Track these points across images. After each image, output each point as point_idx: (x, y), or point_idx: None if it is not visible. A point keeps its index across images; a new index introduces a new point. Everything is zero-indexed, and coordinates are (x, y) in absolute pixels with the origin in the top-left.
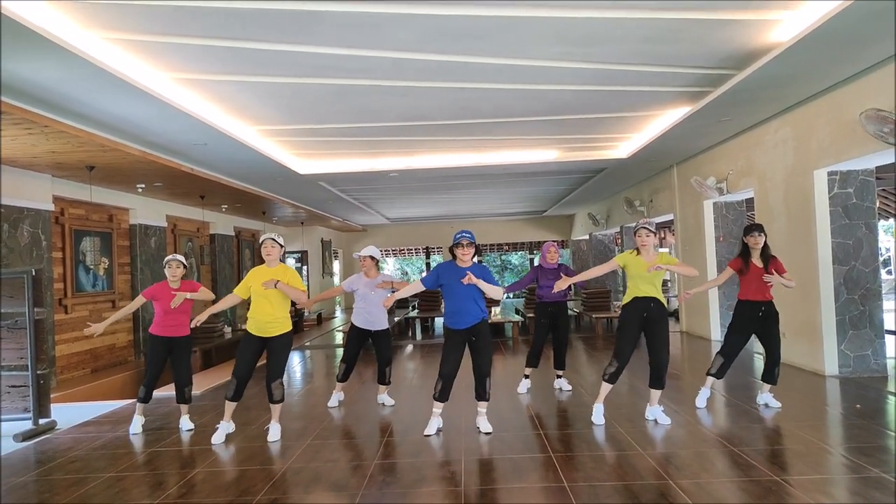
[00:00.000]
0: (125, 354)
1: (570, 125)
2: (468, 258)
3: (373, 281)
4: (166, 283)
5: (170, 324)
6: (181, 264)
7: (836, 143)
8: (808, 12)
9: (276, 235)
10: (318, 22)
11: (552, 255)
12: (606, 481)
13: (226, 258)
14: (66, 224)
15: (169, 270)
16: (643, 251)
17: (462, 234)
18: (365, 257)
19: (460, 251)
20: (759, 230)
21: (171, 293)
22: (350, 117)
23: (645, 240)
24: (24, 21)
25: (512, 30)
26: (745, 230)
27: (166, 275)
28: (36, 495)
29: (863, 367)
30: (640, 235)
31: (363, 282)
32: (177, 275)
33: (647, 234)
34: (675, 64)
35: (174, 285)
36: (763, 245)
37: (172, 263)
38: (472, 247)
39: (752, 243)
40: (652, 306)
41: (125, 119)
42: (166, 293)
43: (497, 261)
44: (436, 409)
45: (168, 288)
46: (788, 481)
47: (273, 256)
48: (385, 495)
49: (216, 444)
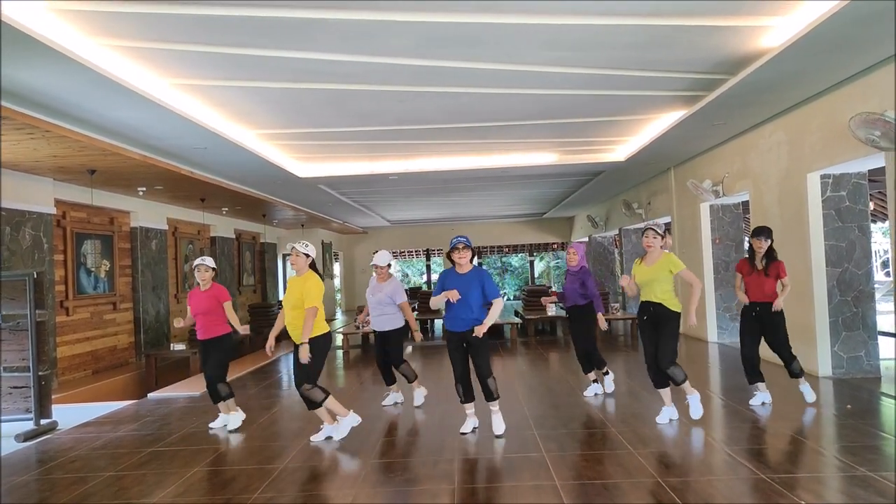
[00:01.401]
0: (126, 356)
1: (568, 129)
2: (465, 261)
3: (377, 286)
4: (197, 288)
5: (201, 325)
6: (209, 268)
7: (828, 147)
8: (798, 18)
9: (302, 244)
10: (315, 29)
11: (571, 258)
12: (596, 479)
13: (226, 261)
14: (67, 227)
15: (198, 274)
16: (648, 252)
17: (458, 238)
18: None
19: (456, 255)
20: (765, 235)
21: (198, 294)
22: (348, 121)
23: (651, 241)
24: (27, 29)
25: (506, 36)
26: (752, 232)
27: (196, 279)
28: (37, 494)
29: (856, 369)
30: (648, 236)
31: (372, 285)
32: (206, 278)
33: (655, 235)
34: (668, 69)
35: (205, 287)
36: (768, 249)
37: (201, 267)
38: (468, 250)
39: (756, 246)
40: (651, 310)
41: (126, 124)
42: (195, 295)
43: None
44: (468, 409)
45: (198, 290)
46: (775, 479)
47: (298, 266)
48: (381, 494)
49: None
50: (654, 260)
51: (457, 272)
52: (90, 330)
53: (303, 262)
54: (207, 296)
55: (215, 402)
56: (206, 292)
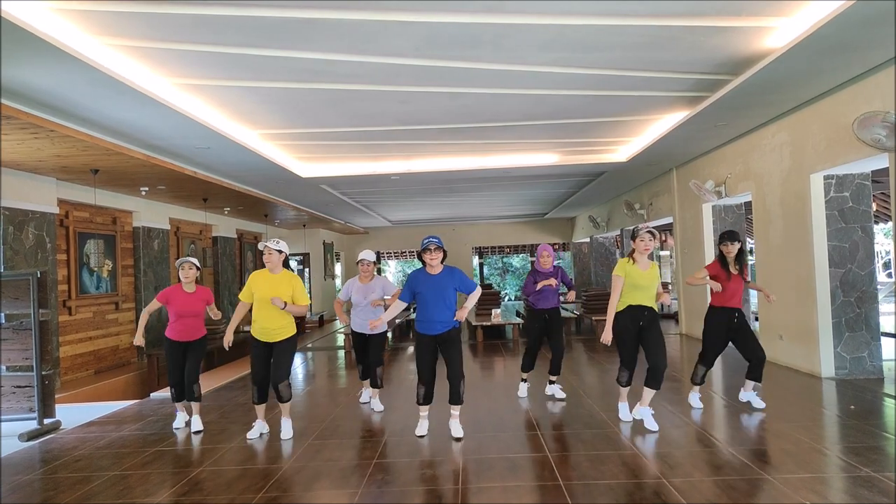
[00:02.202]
0: (128, 356)
1: (569, 129)
2: (436, 262)
3: (365, 287)
4: (179, 287)
5: (184, 328)
6: (193, 265)
7: (831, 148)
8: (801, 19)
9: (274, 242)
10: (318, 29)
11: (545, 260)
12: (601, 479)
13: (228, 260)
14: (70, 226)
15: (182, 272)
16: (640, 256)
17: (429, 238)
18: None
19: (428, 256)
20: (731, 238)
21: (184, 296)
22: (350, 121)
23: (648, 244)
24: (30, 28)
25: (508, 36)
26: (719, 238)
27: (179, 277)
28: (41, 493)
29: (859, 369)
30: (644, 239)
31: (356, 287)
32: (190, 276)
33: (652, 238)
34: (671, 69)
35: (188, 288)
36: (738, 251)
37: (185, 265)
38: (439, 251)
39: (725, 251)
40: (646, 314)
41: (129, 123)
42: (180, 296)
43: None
44: (422, 412)
45: (181, 291)
46: (779, 480)
47: (273, 262)
48: (384, 493)
49: (251, 440)
50: (648, 264)
51: (428, 273)
52: (92, 329)
53: (277, 258)
54: (197, 299)
55: (188, 399)
56: (195, 295)
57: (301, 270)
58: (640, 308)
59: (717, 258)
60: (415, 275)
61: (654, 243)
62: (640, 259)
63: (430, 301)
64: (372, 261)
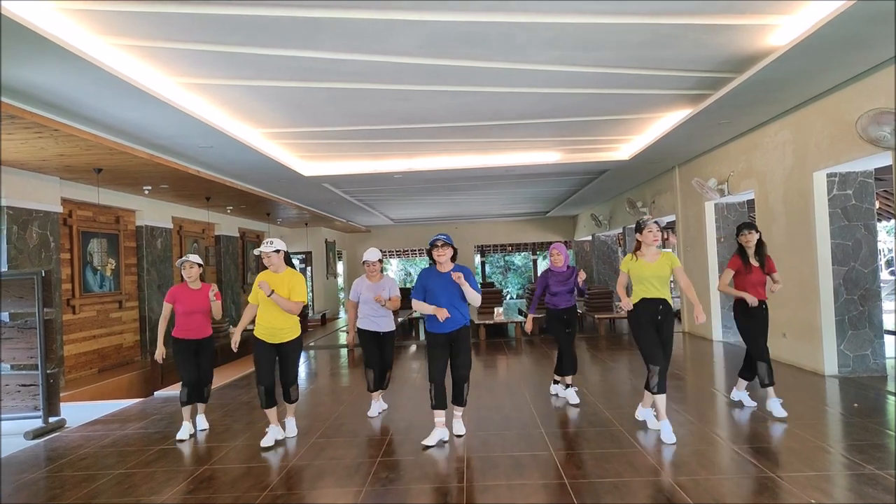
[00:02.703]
0: (132, 354)
1: (572, 127)
2: (446, 259)
3: (376, 286)
4: (185, 285)
5: (192, 325)
6: (195, 263)
7: (834, 145)
8: (804, 17)
9: (267, 245)
10: (321, 28)
11: (557, 259)
12: (605, 478)
13: (231, 259)
14: (73, 226)
15: (185, 272)
16: (647, 249)
17: (438, 236)
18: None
19: (436, 253)
20: (749, 228)
21: (191, 293)
22: (353, 120)
23: (656, 234)
24: (34, 27)
25: (511, 35)
26: (737, 229)
27: (183, 276)
28: (47, 491)
29: (862, 367)
30: (652, 230)
31: (365, 285)
32: (193, 275)
33: (659, 229)
34: (674, 67)
35: (194, 286)
36: (758, 242)
37: (186, 265)
38: (447, 247)
39: (744, 241)
40: (661, 308)
41: (133, 123)
42: (186, 294)
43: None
44: (438, 418)
45: (188, 289)
46: (784, 478)
47: (274, 264)
48: (389, 492)
49: (267, 447)
50: (655, 256)
51: (437, 271)
52: (96, 328)
53: (276, 259)
54: (204, 295)
55: (197, 401)
56: (201, 291)
57: (303, 269)
58: (654, 301)
59: (736, 251)
60: (425, 272)
61: (660, 234)
62: (646, 251)
63: (440, 299)
64: (376, 260)
